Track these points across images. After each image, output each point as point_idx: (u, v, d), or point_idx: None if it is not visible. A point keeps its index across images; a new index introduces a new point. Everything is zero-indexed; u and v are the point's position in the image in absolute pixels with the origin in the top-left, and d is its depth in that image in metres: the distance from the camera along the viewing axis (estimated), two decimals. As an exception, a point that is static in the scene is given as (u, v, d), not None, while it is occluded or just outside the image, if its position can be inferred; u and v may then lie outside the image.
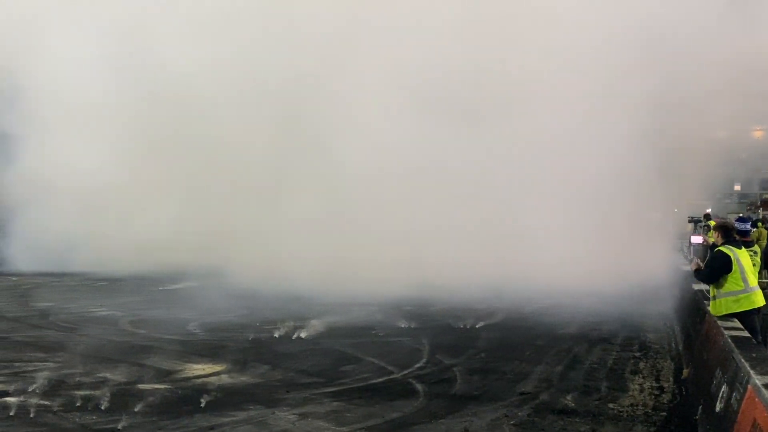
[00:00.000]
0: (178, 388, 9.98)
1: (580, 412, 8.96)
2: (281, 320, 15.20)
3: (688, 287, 15.13)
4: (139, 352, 12.44)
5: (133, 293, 21.17)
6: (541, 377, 10.83)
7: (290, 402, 9.32)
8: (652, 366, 11.68)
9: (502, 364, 11.72)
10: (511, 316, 17.04)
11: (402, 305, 18.22)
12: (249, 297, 19.23)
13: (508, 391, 9.97)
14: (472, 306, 18.09)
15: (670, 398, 9.64)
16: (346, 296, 18.88)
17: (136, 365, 11.39)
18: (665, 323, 16.18)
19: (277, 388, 10.09)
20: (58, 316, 16.61)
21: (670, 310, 17.65)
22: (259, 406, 9.11)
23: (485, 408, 9.08)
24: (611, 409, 9.10)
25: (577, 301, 18.70)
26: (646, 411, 9.02)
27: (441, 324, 15.74)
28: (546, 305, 18.56)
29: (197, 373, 10.97)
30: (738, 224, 11.61)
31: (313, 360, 11.97)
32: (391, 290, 19.51)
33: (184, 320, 15.87)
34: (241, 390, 9.96)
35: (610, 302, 18.64)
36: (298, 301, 18.40)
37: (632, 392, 9.95)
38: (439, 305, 18.35)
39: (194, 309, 17.46)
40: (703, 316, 10.06)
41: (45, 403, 9.09)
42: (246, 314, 16.88)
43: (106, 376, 10.58)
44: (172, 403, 9.24)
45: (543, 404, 9.28)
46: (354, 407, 9.12)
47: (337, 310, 17.17)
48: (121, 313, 17.03)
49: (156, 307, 18.28)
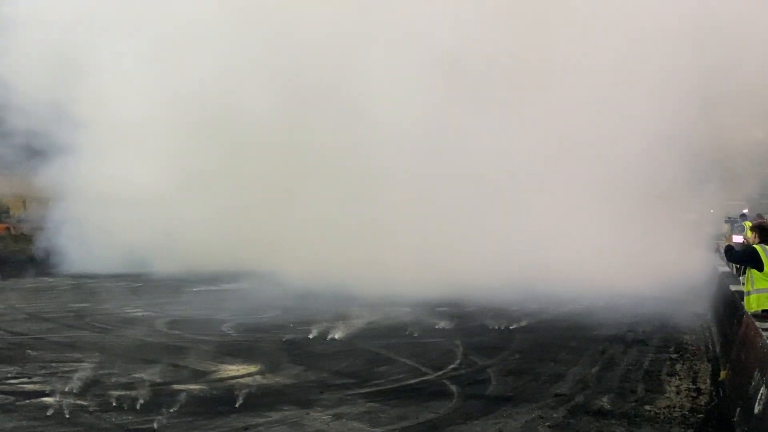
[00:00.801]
0: (213, 389, 10.03)
1: (616, 413, 8.89)
2: (316, 320, 15.24)
3: (725, 288, 14.97)
4: (174, 353, 12.53)
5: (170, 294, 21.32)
6: (576, 379, 10.75)
7: (324, 403, 9.34)
8: (689, 368, 11.57)
9: (536, 365, 11.66)
10: (545, 317, 16.98)
11: (435, 306, 18.21)
12: (285, 297, 19.36)
13: (542, 392, 9.92)
14: (506, 307, 18.04)
15: (708, 400, 9.54)
16: (379, 296, 18.92)
17: (171, 366, 11.48)
18: (702, 324, 16.03)
19: (311, 388, 10.12)
20: (94, 317, 16.78)
21: (707, 311, 17.48)
22: (294, 406, 9.13)
23: (520, 409, 9.04)
24: (647, 410, 9.01)
25: (613, 302, 18.61)
26: (683, 413, 8.92)
27: (475, 325, 15.70)
28: (581, 306, 18.48)
29: (232, 373, 11.02)
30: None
31: (347, 361, 11.98)
32: (424, 291, 19.55)
33: (219, 321, 15.98)
34: (276, 391, 9.99)
35: (646, 303, 18.55)
36: (336, 301, 18.45)
37: (669, 394, 9.86)
38: (473, 306, 18.28)
39: (230, 310, 17.58)
40: (740, 318, 9.96)
41: (81, 403, 9.18)
42: (279, 315, 16.95)
43: (142, 376, 10.67)
44: (208, 403, 9.29)
45: (578, 406, 9.22)
46: (388, 408, 9.11)
47: (370, 311, 17.21)
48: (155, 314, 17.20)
49: (193, 308, 18.41)
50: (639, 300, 18.82)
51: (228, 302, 19.17)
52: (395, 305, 18.30)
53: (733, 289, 13.41)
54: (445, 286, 20.25)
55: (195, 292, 21.86)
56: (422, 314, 16.99)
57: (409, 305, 18.26)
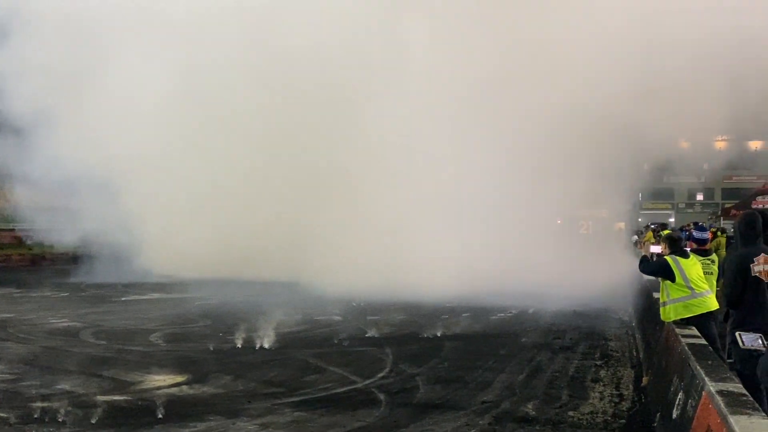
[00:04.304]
0: (138, 400, 9.88)
1: (541, 420, 9.01)
2: (246, 329, 15.11)
3: (648, 296, 15.28)
4: (100, 364, 12.31)
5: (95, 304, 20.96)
6: (503, 386, 10.87)
7: (251, 412, 9.27)
8: (612, 374, 11.78)
9: (465, 373, 11.73)
10: (475, 325, 17.11)
11: (366, 314, 18.24)
12: (215, 306, 19.18)
13: (470, 399, 9.99)
14: (437, 315, 18.19)
15: (630, 406, 9.72)
16: (311, 305, 18.96)
17: (95, 376, 11.28)
18: (627, 331, 16.33)
19: (238, 398, 10.04)
20: (18, 327, 16.39)
21: (632, 319, 17.83)
22: (220, 416, 9.05)
23: (447, 417, 9.10)
24: (571, 416, 9.16)
25: (541, 311, 18.89)
26: (606, 419, 9.09)
27: (405, 333, 15.75)
28: (510, 315, 18.72)
29: (158, 384, 10.88)
30: (696, 233, 11.84)
31: (276, 370, 11.92)
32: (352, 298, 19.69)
33: (147, 330, 15.76)
34: (202, 401, 9.89)
35: (574, 311, 18.82)
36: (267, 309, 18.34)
37: (592, 400, 10.03)
38: (403, 314, 18.34)
39: (159, 320, 17.38)
40: (662, 324, 10.18)
41: (1, 415, 8.97)
42: (209, 324, 16.80)
43: (65, 387, 10.46)
44: (132, 414, 9.15)
45: (504, 412, 9.32)
46: (316, 417, 9.09)
47: (302, 318, 17.20)
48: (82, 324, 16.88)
49: (121, 318, 18.11)
50: (567, 308, 19.11)
51: (157, 312, 18.92)
52: (327, 313, 18.31)
53: (656, 297, 13.68)
54: (376, 294, 20.39)
55: (123, 302, 21.52)
56: (353, 322, 17.00)
57: (340, 313, 18.29)
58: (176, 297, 22.29)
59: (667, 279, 9.57)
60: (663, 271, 9.64)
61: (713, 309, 9.60)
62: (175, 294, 23.02)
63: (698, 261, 10.03)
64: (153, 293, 23.34)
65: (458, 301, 20.22)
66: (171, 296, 22.61)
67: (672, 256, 9.64)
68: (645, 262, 10.32)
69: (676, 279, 9.47)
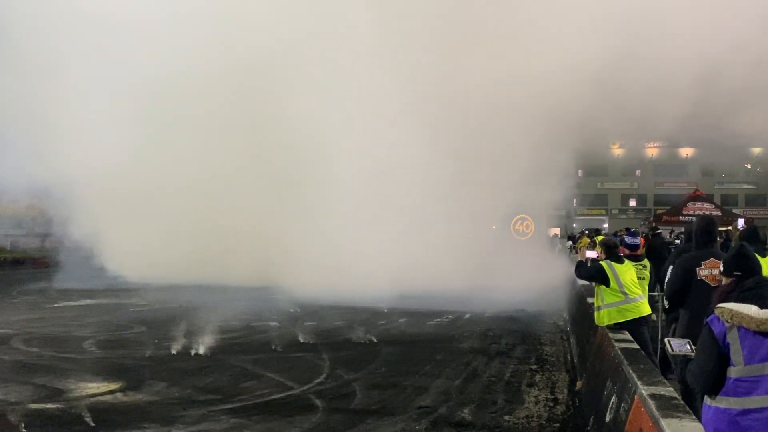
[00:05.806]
0: (71, 408, 9.70)
1: (477, 424, 9.09)
2: (181, 336, 14.94)
3: (582, 301, 15.51)
4: (31, 371, 12.07)
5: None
6: (439, 391, 10.93)
7: (187, 420, 9.18)
8: (547, 378, 11.93)
9: (402, 378, 11.77)
10: (411, 331, 17.17)
11: (302, 320, 18.19)
12: (149, 312, 18.93)
13: (406, 405, 10.03)
14: (374, 321, 18.23)
15: (564, 410, 9.86)
16: (246, 311, 18.85)
17: (27, 384, 11.05)
18: (562, 336, 16.55)
19: (173, 405, 9.93)
20: None
21: (567, 323, 18.08)
22: (155, 424, 8.94)
23: (383, 422, 9.13)
24: (507, 421, 9.26)
25: (478, 316, 19.06)
26: (541, 423, 9.21)
27: (342, 339, 15.72)
28: (447, 320, 18.81)
29: (91, 391, 10.70)
30: (627, 238, 12.08)
31: (211, 376, 11.81)
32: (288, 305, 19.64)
33: (81, 338, 15.48)
34: (137, 408, 9.76)
35: (510, 316, 19.02)
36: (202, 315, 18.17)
37: (528, 404, 10.14)
38: (340, 320, 18.32)
39: (93, 326, 17.08)
40: (596, 329, 10.35)
41: (-72, 425, 8.76)
42: (143, 331, 16.57)
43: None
44: (64, 422, 8.99)
45: (441, 417, 9.38)
46: (252, 423, 9.04)
47: (238, 325, 17.08)
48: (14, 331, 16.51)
49: (54, 325, 17.76)
50: (503, 313, 19.32)
51: (91, 318, 18.60)
52: (262, 319, 18.21)
53: (590, 302, 13.89)
54: (311, 300, 20.39)
55: (56, 308, 21.10)
56: (290, 328, 16.92)
57: (276, 319, 18.21)
58: (112, 303, 21.92)
59: (602, 284, 9.75)
60: (598, 276, 9.81)
61: (646, 314, 9.82)
62: (110, 300, 22.66)
63: (632, 266, 10.22)
64: (86, 299, 22.89)
65: (395, 306, 20.31)
66: (106, 302, 22.23)
67: (607, 261, 9.83)
68: (581, 267, 10.48)
69: (610, 284, 9.65)
